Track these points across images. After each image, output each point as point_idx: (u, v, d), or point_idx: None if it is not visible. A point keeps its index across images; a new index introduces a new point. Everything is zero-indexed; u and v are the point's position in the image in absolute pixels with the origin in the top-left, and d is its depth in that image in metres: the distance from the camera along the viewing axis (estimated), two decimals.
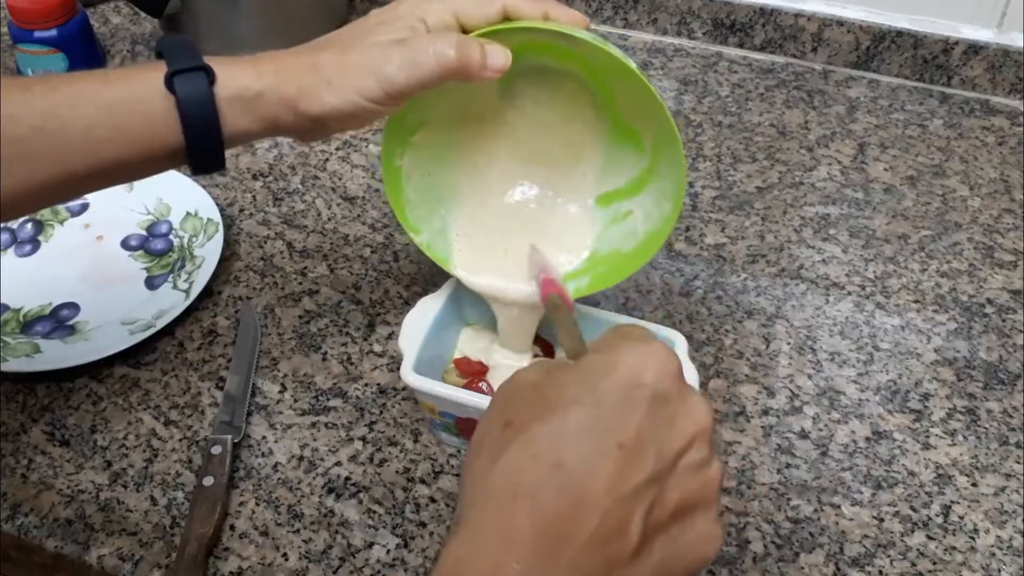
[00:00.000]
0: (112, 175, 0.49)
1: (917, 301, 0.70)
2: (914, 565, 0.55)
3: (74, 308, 0.68)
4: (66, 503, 0.56)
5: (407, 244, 0.73)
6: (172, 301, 0.67)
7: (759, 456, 0.60)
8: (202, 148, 0.48)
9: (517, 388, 0.37)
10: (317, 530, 0.55)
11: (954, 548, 0.56)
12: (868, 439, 0.61)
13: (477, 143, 0.58)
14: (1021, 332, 0.68)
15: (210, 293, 0.69)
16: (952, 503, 0.58)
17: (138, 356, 0.65)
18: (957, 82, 0.90)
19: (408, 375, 0.55)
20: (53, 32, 0.84)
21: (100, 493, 0.57)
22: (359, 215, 0.76)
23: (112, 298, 0.68)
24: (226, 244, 0.71)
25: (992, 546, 0.56)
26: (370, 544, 0.55)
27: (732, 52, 0.94)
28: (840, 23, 0.89)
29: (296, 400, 0.62)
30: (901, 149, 0.84)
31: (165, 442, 0.60)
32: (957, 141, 0.85)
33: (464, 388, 0.56)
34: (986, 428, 0.62)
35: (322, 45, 0.50)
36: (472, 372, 0.59)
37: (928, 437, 0.62)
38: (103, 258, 0.71)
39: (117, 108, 0.47)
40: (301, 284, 0.70)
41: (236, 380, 0.62)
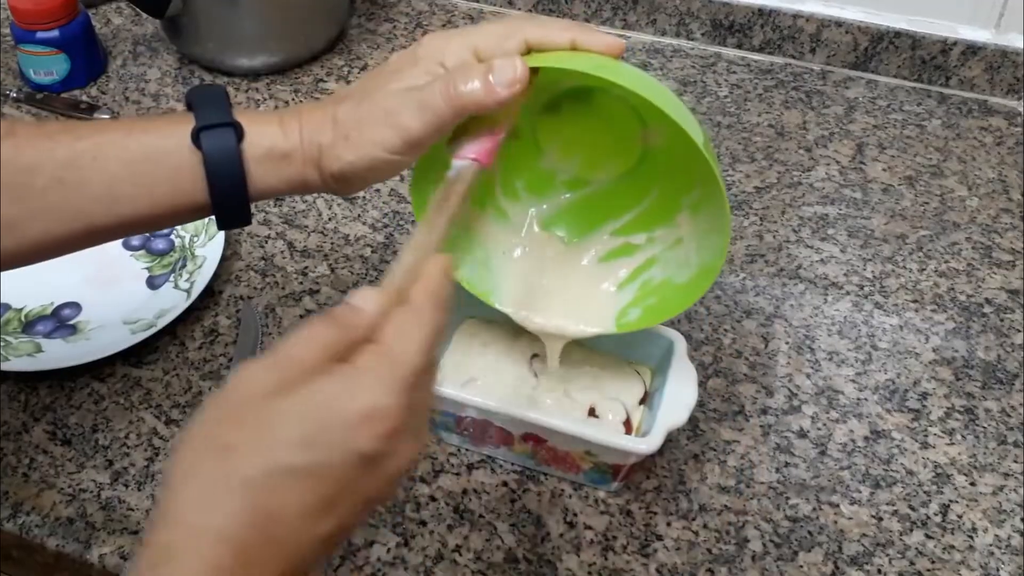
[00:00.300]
0: (134, 228, 0.48)
1: (915, 301, 0.71)
2: (913, 564, 0.55)
3: (76, 308, 0.68)
4: (67, 502, 0.57)
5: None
6: (173, 301, 0.67)
7: (758, 455, 0.60)
8: (228, 205, 0.47)
9: (242, 402, 0.36)
10: None
11: (952, 547, 0.56)
12: (866, 438, 0.61)
13: (516, 163, 0.56)
14: (1019, 331, 0.69)
15: (211, 293, 0.69)
16: (950, 502, 0.58)
17: (139, 355, 0.65)
18: (955, 82, 0.90)
19: None
20: (55, 33, 0.84)
21: (101, 492, 0.57)
22: (360, 215, 0.76)
23: (114, 298, 0.68)
24: (227, 244, 0.71)
25: (990, 545, 0.56)
26: (370, 543, 0.55)
27: (731, 53, 0.94)
28: (838, 24, 0.90)
29: None
30: (899, 149, 0.84)
31: (166, 441, 0.60)
32: (955, 141, 0.85)
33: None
34: (984, 427, 0.62)
35: (343, 96, 0.48)
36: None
37: (926, 436, 0.62)
38: (105, 258, 0.71)
39: (141, 163, 0.46)
40: (302, 284, 0.70)
41: None
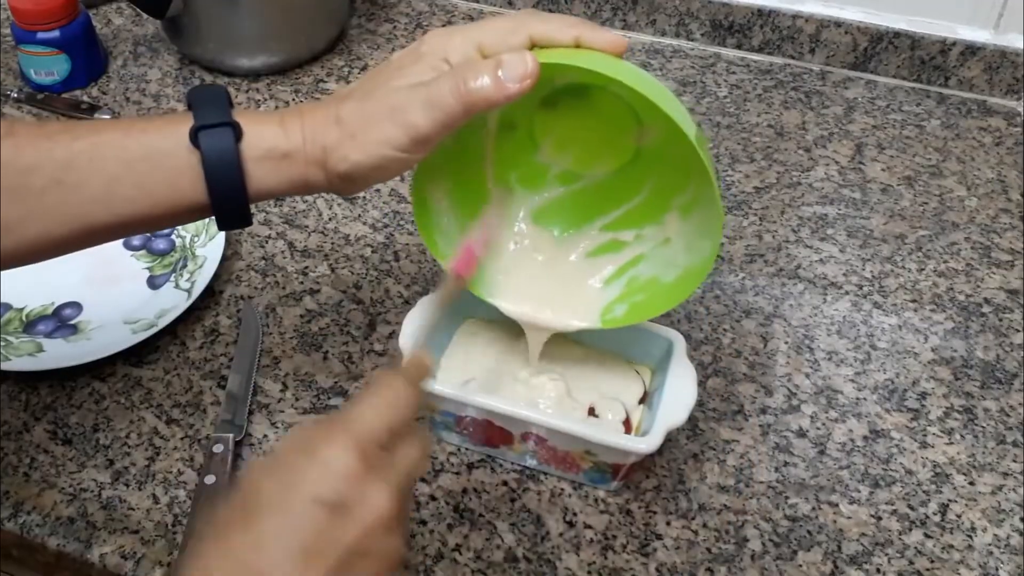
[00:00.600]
0: (134, 228, 0.48)
1: (914, 300, 0.71)
2: (912, 563, 0.55)
3: (76, 307, 0.68)
4: (68, 501, 0.57)
5: (408, 244, 0.74)
6: (174, 300, 0.67)
7: (757, 455, 0.60)
8: (227, 206, 0.47)
9: (239, 491, 0.40)
10: None
11: (952, 546, 0.56)
12: (866, 438, 0.62)
13: (511, 156, 0.56)
14: (1018, 331, 0.69)
15: (212, 292, 0.69)
16: (950, 502, 0.58)
17: (140, 355, 0.65)
18: (954, 83, 0.90)
19: None
20: (56, 33, 0.84)
21: (102, 491, 0.57)
22: (360, 215, 0.76)
23: (114, 297, 0.69)
24: (227, 244, 0.71)
25: (989, 544, 0.56)
26: None
27: (730, 53, 0.94)
28: (838, 24, 0.90)
29: (297, 399, 0.62)
30: (898, 149, 0.84)
31: (167, 441, 0.60)
32: (954, 141, 0.85)
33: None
34: (983, 427, 0.63)
35: (346, 95, 0.47)
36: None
37: (925, 436, 0.62)
38: (105, 258, 0.71)
39: (140, 163, 0.46)
40: (302, 283, 0.70)
41: (238, 379, 0.63)
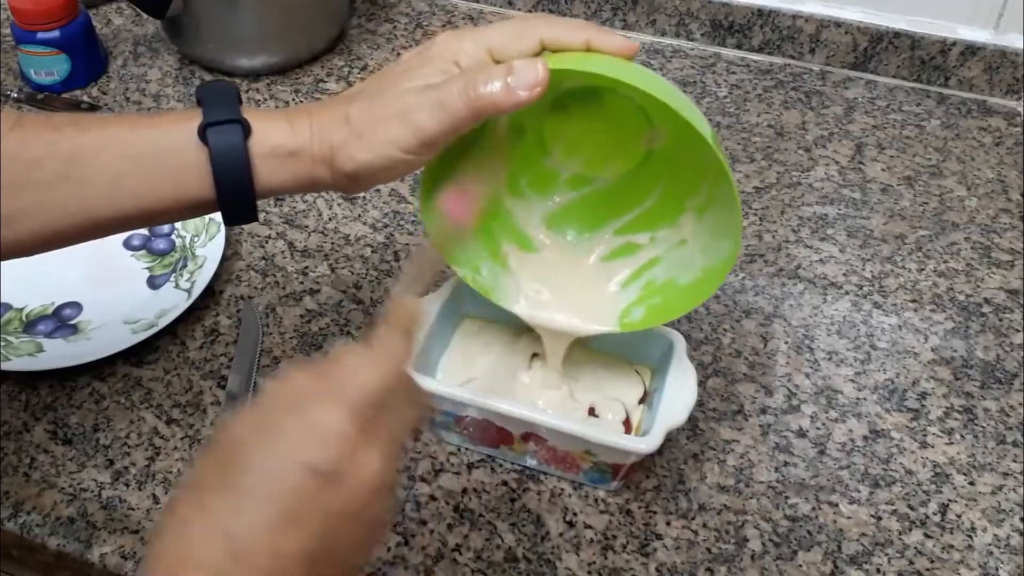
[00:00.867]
0: (138, 223, 0.48)
1: (914, 300, 0.71)
2: (912, 563, 0.55)
3: (76, 307, 0.68)
4: (68, 501, 0.57)
5: (408, 244, 0.74)
6: (174, 300, 0.67)
7: (757, 455, 0.60)
8: (234, 203, 0.47)
9: (221, 448, 0.38)
10: None
11: (951, 546, 0.56)
12: (866, 438, 0.62)
13: (521, 161, 0.56)
14: (1018, 331, 0.69)
15: (212, 292, 0.69)
16: (949, 501, 0.58)
17: (140, 355, 0.65)
18: (954, 83, 0.90)
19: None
20: (56, 33, 0.84)
21: (102, 491, 0.57)
22: (360, 215, 0.76)
23: (114, 297, 0.69)
24: (228, 244, 0.71)
25: (989, 544, 0.56)
26: None
27: (730, 53, 0.94)
28: (838, 24, 0.90)
29: None
30: (898, 149, 0.84)
31: (167, 440, 0.60)
32: (954, 142, 0.85)
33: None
34: (983, 427, 0.63)
35: (354, 94, 0.47)
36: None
37: (925, 436, 0.62)
38: (105, 258, 0.72)
39: (146, 159, 0.46)
40: (302, 283, 0.70)
41: (238, 379, 0.63)
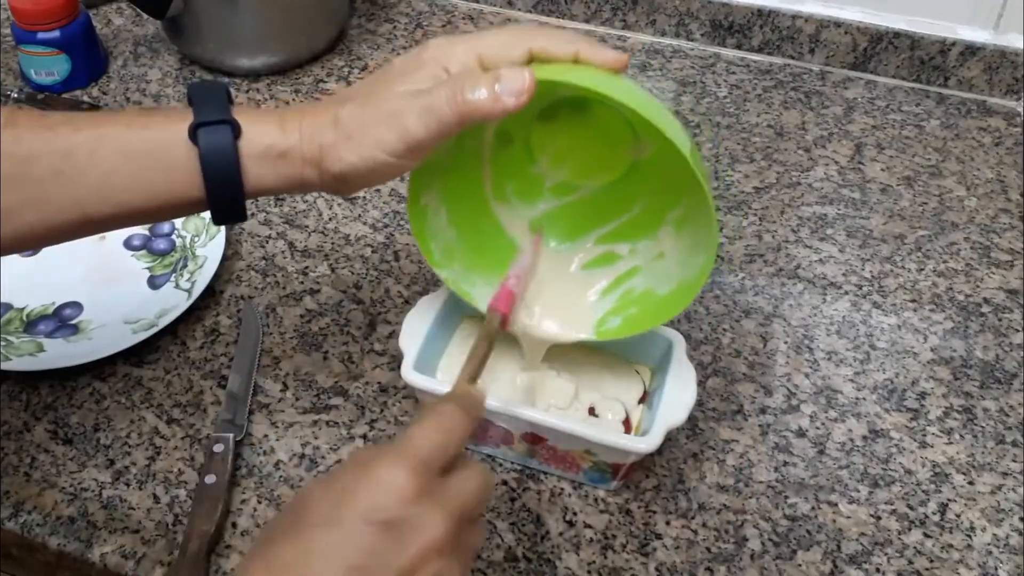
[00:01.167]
0: (130, 220, 0.48)
1: (914, 300, 0.71)
2: (911, 563, 0.55)
3: (77, 307, 0.68)
4: (69, 501, 0.57)
5: (408, 244, 0.74)
6: (174, 300, 0.67)
7: (756, 454, 0.60)
8: (223, 202, 0.47)
9: (290, 505, 0.40)
10: None
11: (951, 546, 0.56)
12: (865, 437, 0.62)
13: (508, 168, 0.56)
14: (1017, 331, 0.69)
15: (212, 292, 0.69)
16: (949, 501, 0.58)
17: (141, 355, 0.65)
18: (954, 83, 0.90)
19: (409, 374, 0.55)
20: (56, 33, 0.84)
21: (103, 491, 0.57)
22: (360, 215, 0.76)
23: (115, 297, 0.69)
24: (228, 244, 0.71)
25: (989, 544, 0.56)
26: None
27: (730, 53, 0.95)
28: (837, 24, 0.90)
29: (297, 399, 0.63)
30: (898, 149, 0.84)
31: (167, 440, 0.60)
32: (954, 142, 0.85)
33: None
34: (983, 427, 0.63)
35: (345, 97, 0.48)
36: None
37: (925, 436, 0.62)
38: (106, 258, 0.72)
39: (138, 157, 0.46)
40: (302, 283, 0.70)
41: (238, 379, 0.63)
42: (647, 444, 0.53)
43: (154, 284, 0.70)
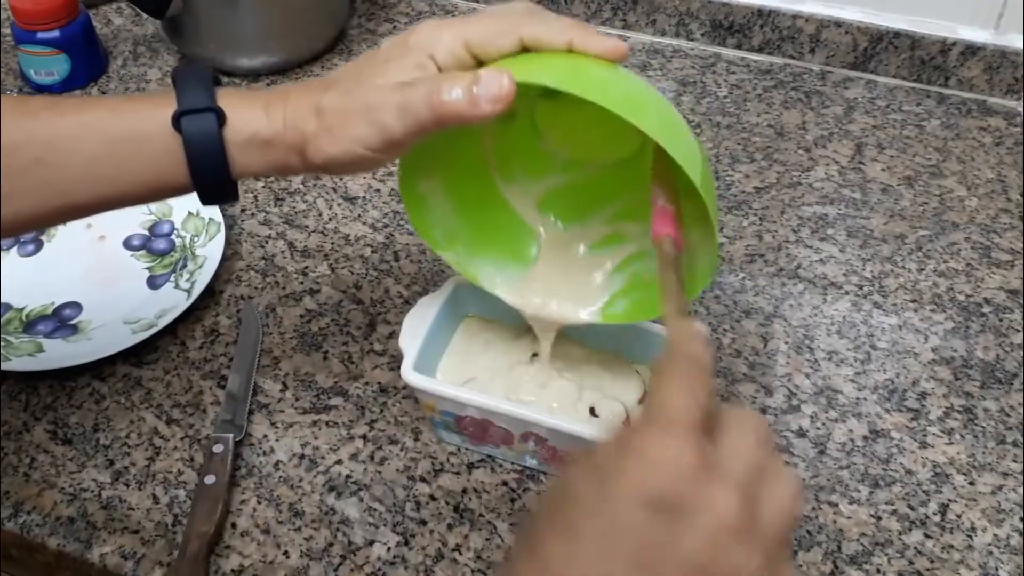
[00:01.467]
0: (114, 205, 0.48)
1: (914, 300, 0.71)
2: (912, 563, 0.55)
3: (76, 307, 0.68)
4: (68, 501, 0.57)
5: (408, 244, 0.74)
6: (174, 300, 0.67)
7: None
8: (210, 187, 0.48)
9: (550, 497, 0.35)
10: (318, 528, 0.56)
11: (951, 546, 0.56)
12: (865, 438, 0.62)
13: (513, 145, 0.56)
14: (1018, 331, 0.69)
15: (212, 292, 0.69)
16: (949, 501, 0.58)
17: (140, 355, 0.65)
18: (954, 83, 0.90)
19: (408, 374, 0.55)
20: (56, 33, 0.84)
21: (102, 491, 0.57)
22: (360, 215, 0.76)
23: (114, 297, 0.69)
24: (228, 244, 0.71)
25: (989, 544, 0.56)
26: (371, 542, 0.55)
27: (730, 53, 0.94)
28: (838, 24, 0.90)
29: (297, 399, 0.62)
30: (898, 149, 0.84)
31: (167, 440, 0.60)
32: (954, 142, 0.85)
33: None
34: (983, 427, 0.63)
35: (331, 82, 0.47)
36: None
37: (925, 436, 0.62)
38: (105, 258, 0.72)
39: (122, 144, 0.46)
40: (302, 283, 0.70)
41: (238, 379, 0.63)
42: None
43: (154, 284, 0.70)
